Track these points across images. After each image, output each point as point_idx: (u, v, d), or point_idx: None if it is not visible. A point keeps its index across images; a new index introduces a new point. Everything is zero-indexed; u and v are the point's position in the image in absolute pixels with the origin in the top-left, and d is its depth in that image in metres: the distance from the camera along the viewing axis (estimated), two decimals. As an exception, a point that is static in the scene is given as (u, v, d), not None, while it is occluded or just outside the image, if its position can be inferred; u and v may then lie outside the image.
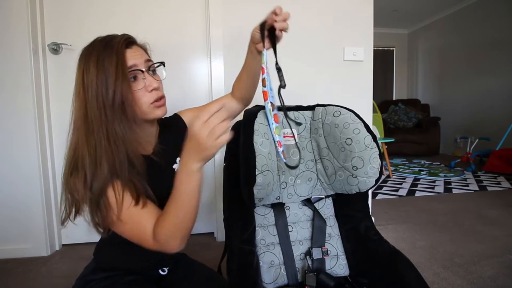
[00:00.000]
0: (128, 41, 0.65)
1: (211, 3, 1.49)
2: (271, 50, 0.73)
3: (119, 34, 0.66)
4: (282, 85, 0.69)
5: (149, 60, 0.68)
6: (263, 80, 0.69)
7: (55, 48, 1.45)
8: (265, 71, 0.69)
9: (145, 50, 0.72)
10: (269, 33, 0.71)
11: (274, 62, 0.73)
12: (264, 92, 0.69)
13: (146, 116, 0.67)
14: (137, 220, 0.60)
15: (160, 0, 1.52)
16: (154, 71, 0.69)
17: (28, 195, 1.41)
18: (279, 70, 0.71)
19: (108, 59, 0.58)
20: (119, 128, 0.59)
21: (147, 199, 0.63)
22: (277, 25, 0.68)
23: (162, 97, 0.68)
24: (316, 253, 0.81)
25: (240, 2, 1.52)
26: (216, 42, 1.52)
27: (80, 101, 0.59)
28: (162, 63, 0.73)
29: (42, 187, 1.41)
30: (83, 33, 1.44)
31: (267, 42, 0.71)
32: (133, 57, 0.63)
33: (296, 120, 0.83)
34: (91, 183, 0.56)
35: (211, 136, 0.51)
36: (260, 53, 0.75)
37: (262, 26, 0.70)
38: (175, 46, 1.55)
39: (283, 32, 0.71)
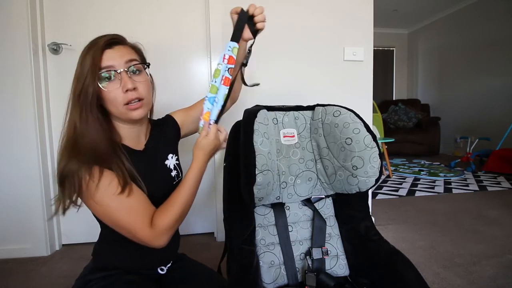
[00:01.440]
0: (111, 41, 0.65)
1: (211, 3, 1.49)
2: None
3: (111, 34, 0.68)
4: (244, 63, 0.81)
5: (132, 61, 0.67)
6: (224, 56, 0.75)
7: (55, 48, 1.45)
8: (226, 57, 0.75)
9: (137, 50, 0.72)
10: (248, 22, 0.79)
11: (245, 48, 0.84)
12: (226, 57, 0.74)
13: (122, 116, 0.68)
14: (128, 208, 0.62)
15: (160, 0, 1.52)
16: (136, 71, 0.68)
17: (28, 195, 1.41)
18: (249, 52, 0.82)
19: (87, 58, 0.63)
20: (92, 117, 0.63)
21: (138, 188, 0.65)
22: (257, 18, 0.79)
23: (139, 99, 0.67)
24: (316, 253, 0.81)
25: (240, 2, 1.52)
26: (216, 42, 1.52)
27: (71, 91, 0.65)
28: (146, 64, 0.72)
29: (42, 187, 1.41)
30: (83, 33, 1.44)
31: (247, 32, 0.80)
32: (111, 58, 0.64)
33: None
34: (63, 162, 0.60)
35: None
36: (245, 41, 0.84)
37: (242, 17, 0.79)
38: (175, 46, 1.55)
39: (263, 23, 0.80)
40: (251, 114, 0.74)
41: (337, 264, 0.83)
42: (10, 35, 1.35)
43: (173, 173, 0.81)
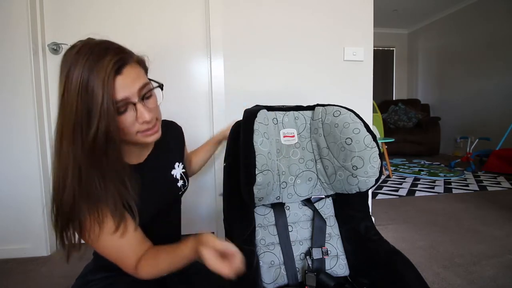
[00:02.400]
0: (119, 64, 0.53)
1: (211, 3, 1.49)
2: None
3: (112, 45, 0.56)
4: None
5: (145, 86, 0.57)
6: None
7: (55, 48, 1.45)
8: None
9: (142, 65, 0.62)
10: None
11: None
12: None
13: (135, 142, 0.61)
14: (117, 247, 0.60)
15: (160, 0, 1.52)
16: (149, 95, 0.60)
17: (28, 195, 1.41)
18: None
19: (94, 88, 0.49)
20: (96, 165, 0.53)
21: (132, 223, 0.61)
22: None
23: (154, 125, 0.61)
24: (316, 253, 0.81)
25: (240, 2, 1.52)
26: (216, 42, 1.52)
27: (59, 116, 0.52)
28: (160, 86, 0.63)
29: (42, 187, 1.41)
30: (83, 33, 1.43)
31: None
32: (124, 87, 0.53)
33: None
34: (61, 206, 0.53)
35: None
36: None
37: None
38: (175, 46, 1.55)
39: None
40: (251, 114, 0.74)
41: (337, 264, 0.83)
42: (10, 35, 1.35)
43: (180, 183, 0.78)
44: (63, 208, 0.53)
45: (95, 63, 0.50)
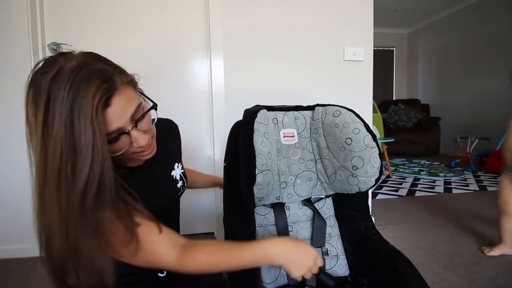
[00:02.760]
0: (107, 96, 0.45)
1: (211, 3, 1.49)
2: None
3: (93, 70, 0.45)
4: None
5: (138, 109, 0.51)
6: None
7: (55, 48, 1.45)
8: None
9: (132, 83, 0.54)
10: None
11: None
12: None
13: (129, 160, 0.58)
14: (150, 244, 0.55)
15: (160, 0, 1.52)
16: (142, 117, 0.53)
17: (28, 195, 1.39)
18: None
19: (81, 128, 0.42)
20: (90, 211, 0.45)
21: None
22: None
23: (150, 145, 0.57)
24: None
25: (240, 2, 1.52)
26: (216, 42, 1.52)
27: (39, 158, 0.44)
28: (154, 107, 0.57)
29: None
30: (83, 33, 1.44)
31: None
32: (116, 118, 0.47)
33: None
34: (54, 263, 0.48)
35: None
36: None
37: None
38: (175, 46, 1.55)
39: None
40: (251, 114, 0.74)
41: (337, 264, 0.83)
42: (10, 35, 1.35)
43: (179, 184, 0.77)
44: (57, 265, 0.48)
45: (79, 98, 0.42)
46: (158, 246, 0.57)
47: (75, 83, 0.43)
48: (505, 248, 1.36)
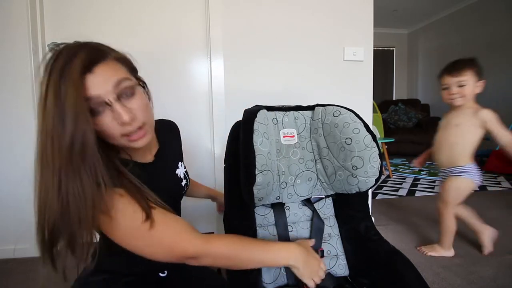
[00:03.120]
0: (90, 63, 0.50)
1: (211, 3, 1.49)
2: None
3: (86, 45, 0.52)
4: None
5: (120, 81, 0.52)
6: None
7: (55, 48, 1.44)
8: None
9: (123, 61, 0.58)
10: None
11: None
12: None
13: (125, 147, 0.58)
14: (169, 229, 0.56)
15: (160, 0, 1.52)
16: (129, 94, 0.54)
17: (28, 195, 1.40)
18: None
19: (66, 91, 0.46)
20: (98, 169, 0.49)
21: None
22: None
23: (140, 128, 0.56)
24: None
25: (240, 2, 1.52)
26: (216, 42, 1.52)
27: (40, 132, 0.49)
28: (141, 84, 0.59)
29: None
30: (83, 33, 1.43)
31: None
32: (96, 85, 0.50)
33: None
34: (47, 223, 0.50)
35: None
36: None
37: None
38: (175, 46, 1.55)
39: None
40: (251, 114, 0.74)
41: (337, 264, 0.83)
42: (10, 35, 1.35)
43: (183, 182, 0.79)
44: (49, 225, 0.50)
45: (66, 66, 0.47)
46: (182, 227, 0.57)
47: (65, 55, 0.49)
48: (441, 251, 1.35)
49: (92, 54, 0.51)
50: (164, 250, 0.55)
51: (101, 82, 0.50)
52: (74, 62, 0.48)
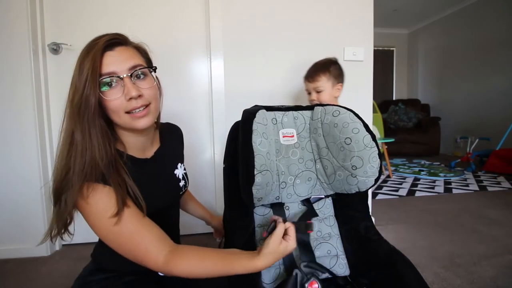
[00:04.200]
0: (110, 42, 0.58)
1: (211, 3, 1.49)
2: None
3: (112, 33, 0.61)
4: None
5: (136, 66, 0.60)
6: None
7: (55, 48, 1.45)
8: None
9: (141, 51, 0.67)
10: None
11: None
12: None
13: (126, 126, 0.62)
14: (135, 233, 0.57)
15: (160, 0, 1.52)
16: (141, 76, 0.62)
17: (28, 195, 1.41)
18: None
19: (86, 63, 0.56)
20: (94, 131, 0.56)
21: (134, 208, 0.59)
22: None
23: (145, 106, 0.61)
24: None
25: (240, 2, 1.52)
26: (216, 42, 1.52)
27: (68, 98, 0.59)
28: (152, 68, 0.66)
29: (42, 187, 1.41)
30: (83, 33, 1.44)
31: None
32: (112, 62, 0.58)
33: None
34: (61, 188, 0.55)
35: (284, 245, 0.61)
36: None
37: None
38: (175, 46, 1.55)
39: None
40: (250, 114, 0.74)
41: (337, 264, 0.83)
42: (10, 35, 1.35)
43: (181, 183, 0.79)
44: (59, 179, 0.55)
45: (89, 46, 0.58)
46: (151, 239, 0.58)
47: (98, 36, 0.59)
48: None
49: (115, 37, 0.60)
50: (125, 253, 0.58)
51: (118, 61, 0.58)
52: (99, 41, 0.58)
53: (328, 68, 1.20)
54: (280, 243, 0.60)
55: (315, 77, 1.19)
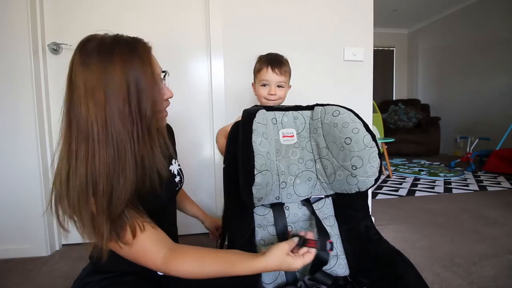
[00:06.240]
0: (149, 45, 0.62)
1: (211, 3, 1.49)
2: None
3: (127, 36, 0.61)
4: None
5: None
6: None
7: (55, 48, 1.45)
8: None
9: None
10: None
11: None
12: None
13: (157, 125, 0.62)
14: (141, 246, 0.57)
15: (160, 1, 1.52)
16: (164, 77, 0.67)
17: (29, 195, 1.41)
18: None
19: (138, 64, 0.55)
20: (147, 142, 0.57)
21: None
22: None
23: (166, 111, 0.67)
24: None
25: (240, 2, 1.52)
26: (216, 42, 1.52)
27: (97, 107, 0.52)
28: (167, 72, 0.69)
29: (42, 187, 1.41)
30: (83, 33, 1.43)
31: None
32: (156, 64, 0.62)
33: None
34: (110, 206, 0.53)
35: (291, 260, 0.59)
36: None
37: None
38: (175, 45, 1.55)
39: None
40: (250, 114, 0.74)
41: (337, 264, 0.83)
42: (10, 35, 1.35)
43: (177, 178, 0.79)
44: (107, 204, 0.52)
45: (131, 47, 0.57)
46: (149, 243, 0.58)
47: (123, 46, 0.59)
48: None
49: (142, 41, 0.62)
50: (132, 258, 0.58)
51: (157, 62, 0.62)
52: (138, 42, 0.60)
53: (288, 65, 1.10)
54: (287, 255, 0.59)
55: (283, 71, 1.04)
